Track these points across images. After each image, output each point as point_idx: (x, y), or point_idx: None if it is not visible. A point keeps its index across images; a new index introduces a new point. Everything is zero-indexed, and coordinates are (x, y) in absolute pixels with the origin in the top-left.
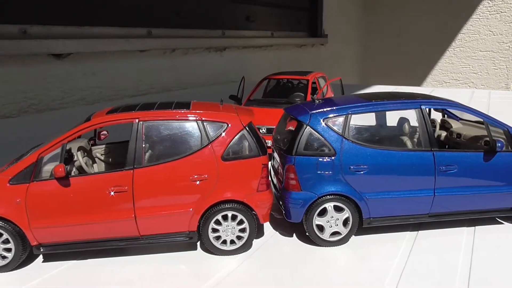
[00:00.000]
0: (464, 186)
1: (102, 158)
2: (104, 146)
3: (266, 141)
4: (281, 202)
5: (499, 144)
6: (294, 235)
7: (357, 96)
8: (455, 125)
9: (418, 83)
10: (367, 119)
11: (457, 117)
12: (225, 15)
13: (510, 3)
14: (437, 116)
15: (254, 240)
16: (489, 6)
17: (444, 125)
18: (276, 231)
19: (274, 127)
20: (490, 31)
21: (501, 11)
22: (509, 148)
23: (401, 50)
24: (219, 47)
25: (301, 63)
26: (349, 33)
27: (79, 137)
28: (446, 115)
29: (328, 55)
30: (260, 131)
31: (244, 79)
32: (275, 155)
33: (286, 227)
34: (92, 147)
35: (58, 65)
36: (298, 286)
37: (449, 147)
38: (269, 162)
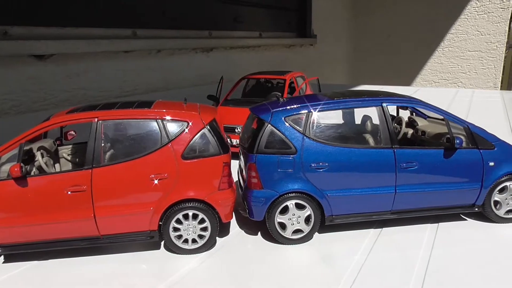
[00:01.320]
0: (425, 183)
1: (69, 158)
2: (71, 146)
3: (232, 140)
4: (244, 201)
5: (458, 141)
6: (259, 233)
7: (321, 94)
8: (421, 123)
9: (408, 83)
10: (334, 117)
11: (425, 115)
12: (212, 15)
13: (497, 3)
14: (405, 114)
15: (219, 238)
16: (477, 7)
17: (412, 123)
18: (242, 229)
19: None
20: (478, 31)
21: (488, 11)
22: (469, 145)
23: (391, 50)
24: (206, 47)
25: (290, 63)
26: (339, 34)
27: (45, 137)
28: (414, 113)
29: (317, 56)
30: (236, 130)
31: (223, 79)
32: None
33: (251, 225)
34: (59, 147)
35: (40, 66)
36: (256, 285)
37: (415, 144)
38: (237, 161)
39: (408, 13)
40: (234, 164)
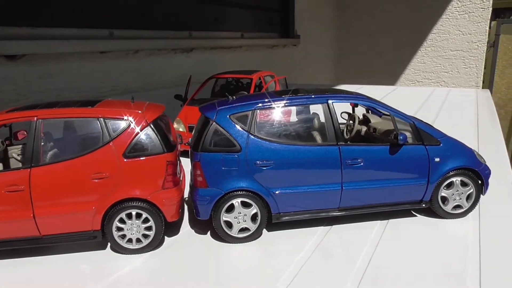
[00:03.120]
0: (372, 179)
1: (19, 158)
2: (21, 146)
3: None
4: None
5: (401, 137)
6: (209, 232)
7: (271, 92)
8: (374, 120)
9: (392, 82)
10: (280, 115)
11: (380, 112)
12: (192, 16)
13: (478, 3)
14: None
15: (167, 237)
16: (458, 7)
17: (366, 121)
18: (193, 228)
19: None
20: (460, 30)
21: (469, 11)
22: (416, 141)
23: (375, 50)
24: (185, 48)
25: (272, 64)
26: (322, 34)
27: None
28: (370, 111)
29: (301, 56)
30: None
31: (191, 78)
32: None
33: (203, 224)
34: (9, 147)
35: (12, 67)
36: (193, 284)
37: (368, 141)
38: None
39: (392, 13)
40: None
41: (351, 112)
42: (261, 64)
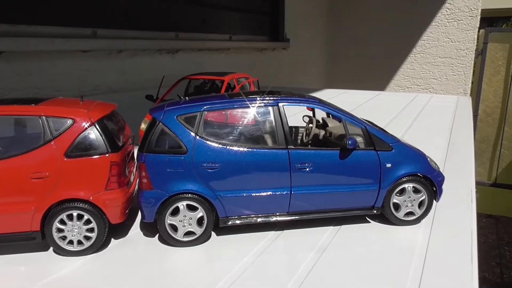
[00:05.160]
0: (321, 184)
1: None
2: None
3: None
4: None
5: (350, 142)
6: (157, 236)
7: (223, 94)
8: (332, 124)
9: (382, 88)
10: (229, 117)
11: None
12: (180, 17)
13: (466, 12)
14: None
15: (114, 240)
16: (447, 14)
17: (325, 125)
18: (142, 231)
19: None
20: (449, 38)
21: (458, 19)
22: (367, 146)
23: (366, 56)
24: (171, 49)
25: (261, 67)
26: (313, 38)
27: None
28: (330, 115)
29: (291, 60)
30: None
31: (163, 78)
32: None
33: (152, 227)
34: None
35: None
36: (128, 287)
37: (325, 146)
38: None
39: (382, 19)
40: None
41: (311, 115)
42: (249, 67)
